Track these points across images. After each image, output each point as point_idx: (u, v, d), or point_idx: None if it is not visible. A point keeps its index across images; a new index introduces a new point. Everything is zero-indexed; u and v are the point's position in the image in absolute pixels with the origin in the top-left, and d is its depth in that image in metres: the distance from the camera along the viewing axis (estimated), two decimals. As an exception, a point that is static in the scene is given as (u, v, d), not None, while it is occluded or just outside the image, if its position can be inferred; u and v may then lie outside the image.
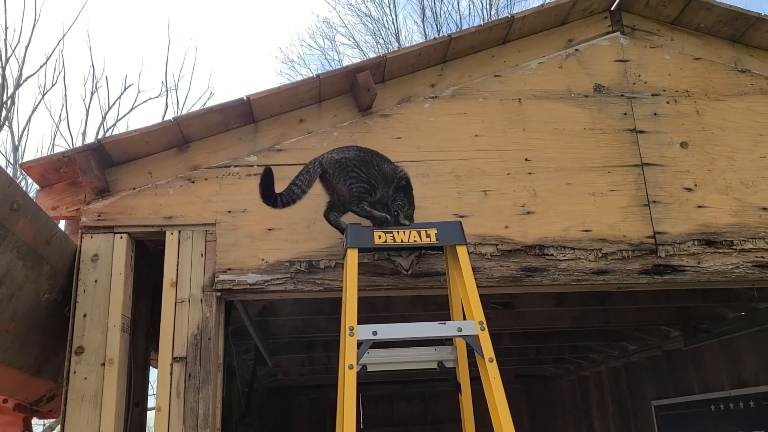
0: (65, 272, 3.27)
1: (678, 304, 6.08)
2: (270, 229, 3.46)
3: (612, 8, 4.09)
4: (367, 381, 2.82)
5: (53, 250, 3.08)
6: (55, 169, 3.43)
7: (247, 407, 6.74)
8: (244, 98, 3.51)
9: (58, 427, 11.50)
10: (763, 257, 3.61)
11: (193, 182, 3.55)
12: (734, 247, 3.62)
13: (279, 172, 3.56)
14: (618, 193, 3.68)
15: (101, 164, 3.43)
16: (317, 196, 3.45)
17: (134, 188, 3.51)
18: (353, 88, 3.71)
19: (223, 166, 3.59)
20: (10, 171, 12.16)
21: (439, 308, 5.40)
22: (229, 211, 3.49)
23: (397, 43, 18.57)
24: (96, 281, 3.28)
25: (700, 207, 3.69)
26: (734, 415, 6.23)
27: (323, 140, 3.68)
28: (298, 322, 6.38)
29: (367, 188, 3.23)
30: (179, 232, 3.44)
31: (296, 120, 3.72)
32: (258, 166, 3.59)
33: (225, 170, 3.58)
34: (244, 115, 3.62)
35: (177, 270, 3.36)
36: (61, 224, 3.49)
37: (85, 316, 3.22)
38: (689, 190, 3.72)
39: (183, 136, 3.56)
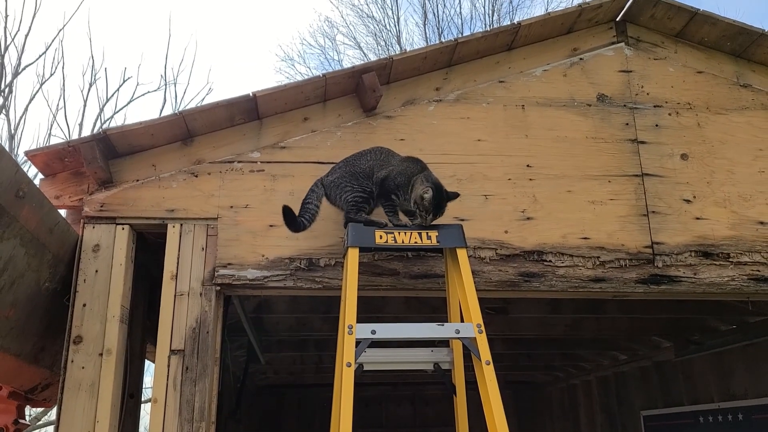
0: (66, 261, 3.27)
1: (670, 315, 6.12)
2: (271, 226, 3.47)
3: (617, 19, 4.13)
4: (357, 382, 2.83)
5: (55, 239, 3.08)
6: (60, 159, 3.43)
7: (237, 403, 6.74)
8: (250, 94, 3.53)
9: (46, 418, 11.47)
10: (758, 270, 3.65)
11: (196, 176, 3.56)
12: (731, 260, 3.66)
13: (282, 169, 3.62)
14: (617, 202, 3.72)
15: (106, 155, 3.44)
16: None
17: (137, 180, 3.52)
18: (358, 88, 3.73)
19: (227, 161, 3.60)
20: (6, 159, 12.07)
21: (433, 311, 5.43)
22: (231, 206, 3.50)
23: (398, 46, 18.62)
24: (96, 271, 3.29)
25: (698, 219, 3.73)
26: (722, 428, 6.26)
27: (327, 139, 3.70)
28: (291, 321, 6.39)
29: (365, 197, 3.27)
30: (181, 225, 3.45)
31: (301, 118, 3.74)
32: (261, 162, 3.61)
33: (228, 165, 3.59)
34: (249, 112, 3.64)
35: (177, 263, 3.37)
36: (63, 213, 3.49)
37: (84, 305, 3.23)
38: (688, 201, 3.76)
39: (188, 130, 3.58)
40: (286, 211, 3.24)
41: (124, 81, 15.03)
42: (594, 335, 6.98)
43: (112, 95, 17.01)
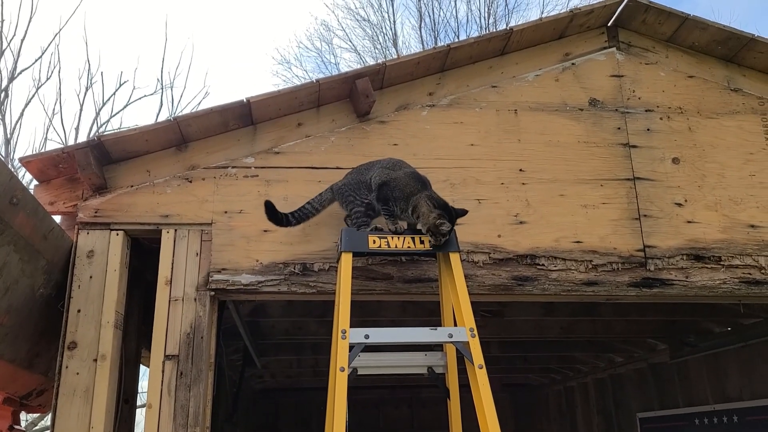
0: (60, 267, 3.29)
1: (665, 317, 6.15)
2: (265, 231, 3.48)
3: (609, 24, 4.16)
4: (354, 385, 2.85)
5: (49, 245, 3.10)
6: (54, 165, 3.44)
7: (234, 408, 6.75)
8: (244, 100, 3.54)
9: (42, 423, 11.45)
10: (750, 273, 3.68)
11: (190, 182, 3.57)
12: (722, 263, 3.68)
13: (276, 174, 3.63)
14: (609, 206, 3.74)
15: (100, 161, 3.45)
16: (314, 200, 3.50)
17: (132, 186, 3.54)
18: (352, 93, 3.75)
19: (221, 166, 3.62)
20: (2, 164, 12.07)
21: (429, 314, 5.44)
22: (226, 212, 3.52)
23: (394, 49, 18.65)
24: (91, 277, 3.30)
25: (689, 222, 3.75)
26: (718, 429, 6.28)
27: (321, 144, 3.72)
28: (287, 324, 6.40)
29: (363, 210, 3.31)
30: (175, 230, 3.47)
31: (295, 123, 3.76)
32: (255, 167, 3.63)
33: (222, 171, 3.61)
34: (244, 117, 3.66)
35: (172, 268, 3.39)
36: (58, 219, 3.50)
37: (79, 311, 3.24)
38: (679, 205, 3.79)
39: (182, 136, 3.59)
40: (268, 206, 3.32)
41: (120, 85, 15.11)
42: (589, 337, 7.00)
43: (109, 99, 16.94)
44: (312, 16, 39.46)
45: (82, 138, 13.72)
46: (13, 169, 11.47)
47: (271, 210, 3.33)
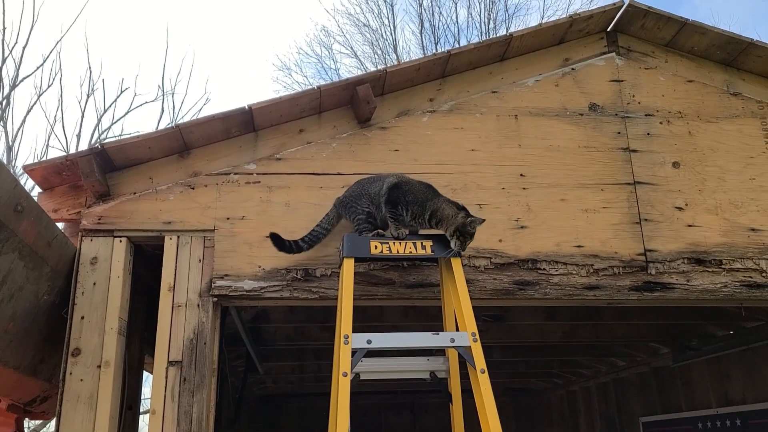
0: (64, 274, 3.30)
1: (667, 321, 6.15)
2: (267, 237, 3.49)
3: (608, 29, 4.18)
4: (356, 391, 2.86)
5: (53, 252, 3.11)
6: (58, 172, 3.46)
7: (236, 414, 6.75)
8: (246, 107, 3.57)
9: (44, 430, 11.45)
10: (750, 277, 3.69)
11: (192, 188, 3.59)
12: (723, 267, 3.69)
13: (278, 181, 3.65)
14: (610, 210, 3.75)
15: (103, 168, 3.47)
16: (316, 206, 3.52)
17: (135, 193, 3.56)
18: (353, 100, 3.78)
19: (223, 173, 3.64)
20: (4, 171, 12.08)
21: (431, 319, 5.44)
22: (228, 218, 3.54)
23: (394, 54, 18.69)
24: (94, 284, 3.32)
25: (690, 226, 3.76)
26: (721, 433, 6.28)
27: (322, 151, 3.74)
28: (289, 330, 6.41)
29: (364, 217, 3.33)
30: (178, 237, 3.48)
31: (296, 130, 3.78)
32: (257, 174, 3.65)
33: (225, 177, 3.63)
34: (245, 124, 3.68)
35: (175, 275, 3.40)
36: (61, 226, 3.52)
37: (82, 318, 3.25)
38: (680, 209, 3.80)
39: (184, 143, 3.61)
40: (274, 237, 3.33)
41: (121, 92, 15.16)
42: (591, 342, 7.00)
43: (110, 106, 17.03)
44: (312, 22, 39.57)
45: (84, 145, 13.78)
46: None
47: (278, 241, 3.34)
